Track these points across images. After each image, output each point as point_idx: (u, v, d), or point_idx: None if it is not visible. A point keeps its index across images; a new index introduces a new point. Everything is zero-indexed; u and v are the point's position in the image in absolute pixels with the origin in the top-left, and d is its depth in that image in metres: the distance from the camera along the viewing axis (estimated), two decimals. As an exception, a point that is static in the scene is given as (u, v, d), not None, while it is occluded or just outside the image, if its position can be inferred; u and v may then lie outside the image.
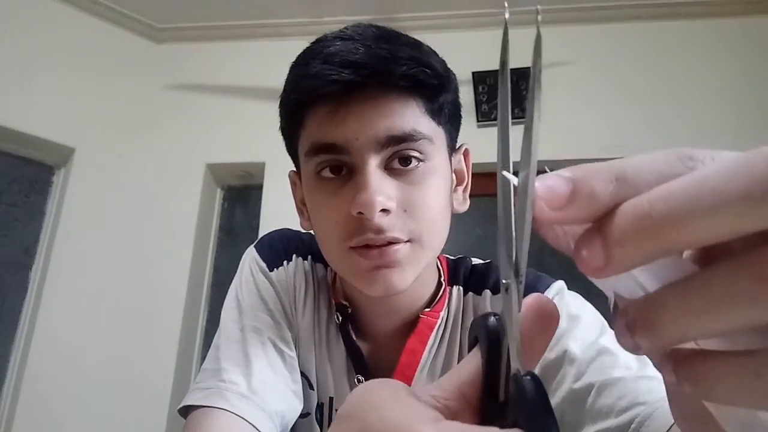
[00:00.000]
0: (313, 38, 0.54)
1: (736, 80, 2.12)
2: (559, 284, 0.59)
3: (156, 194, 2.17)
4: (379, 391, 0.20)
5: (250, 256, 0.63)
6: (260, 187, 2.19)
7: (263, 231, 2.09)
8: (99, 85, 2.18)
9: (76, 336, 1.93)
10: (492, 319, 0.20)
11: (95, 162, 2.11)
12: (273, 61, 2.38)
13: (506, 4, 0.17)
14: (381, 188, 0.48)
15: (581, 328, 0.53)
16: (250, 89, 2.29)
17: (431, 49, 0.54)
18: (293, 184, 0.61)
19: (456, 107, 0.56)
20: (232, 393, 0.52)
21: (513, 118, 0.18)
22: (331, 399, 0.61)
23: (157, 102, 2.29)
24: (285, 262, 0.62)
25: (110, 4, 2.24)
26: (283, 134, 0.58)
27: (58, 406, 1.86)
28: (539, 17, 0.16)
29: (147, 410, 1.91)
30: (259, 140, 2.21)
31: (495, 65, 0.18)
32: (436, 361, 0.59)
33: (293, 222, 0.61)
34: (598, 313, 0.57)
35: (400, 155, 0.50)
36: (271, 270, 0.61)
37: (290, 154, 0.58)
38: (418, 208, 0.50)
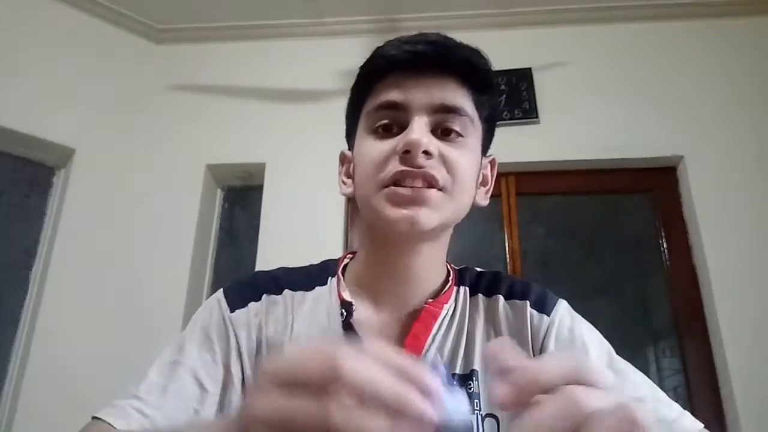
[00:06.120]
0: (313, 38, 0.56)
1: (737, 80, 2.11)
2: (565, 304, 0.63)
3: (156, 195, 2.17)
4: None
5: (217, 296, 0.65)
6: (260, 188, 2.18)
7: (263, 231, 2.09)
8: (99, 85, 2.18)
9: (76, 336, 1.93)
10: None
11: (95, 163, 2.11)
12: (273, 61, 2.39)
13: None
14: (426, 136, 0.55)
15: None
16: (250, 89, 2.29)
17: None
18: (342, 161, 0.68)
19: (494, 111, 0.64)
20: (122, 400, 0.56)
21: (512, 118, 0.17)
22: None
23: (157, 102, 2.29)
24: (251, 303, 0.62)
25: (110, 5, 2.24)
26: (348, 108, 0.65)
27: (58, 406, 1.85)
28: None
29: (147, 410, 1.90)
30: (259, 141, 2.21)
31: (495, 65, 0.17)
32: (441, 351, 0.59)
33: (293, 222, 0.61)
34: (603, 340, 0.61)
35: (443, 126, 0.57)
36: (232, 311, 0.62)
37: (349, 129, 0.65)
38: (454, 162, 0.56)
